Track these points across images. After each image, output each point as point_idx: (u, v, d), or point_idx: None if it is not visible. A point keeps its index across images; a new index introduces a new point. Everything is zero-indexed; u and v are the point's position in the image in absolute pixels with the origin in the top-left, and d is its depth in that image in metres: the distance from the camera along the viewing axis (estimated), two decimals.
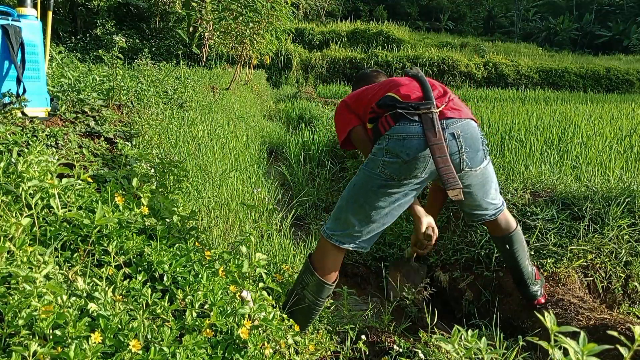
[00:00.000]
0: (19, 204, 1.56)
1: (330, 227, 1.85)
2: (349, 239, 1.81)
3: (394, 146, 1.70)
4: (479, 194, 1.87)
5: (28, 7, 2.65)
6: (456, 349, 1.46)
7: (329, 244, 1.83)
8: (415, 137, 1.68)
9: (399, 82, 1.90)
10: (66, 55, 8.24)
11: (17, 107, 2.47)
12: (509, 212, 2.06)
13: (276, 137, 6.83)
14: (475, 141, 1.76)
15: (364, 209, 1.78)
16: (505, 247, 2.05)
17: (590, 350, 0.85)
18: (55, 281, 1.30)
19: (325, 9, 30.49)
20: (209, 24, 11.67)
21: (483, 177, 1.84)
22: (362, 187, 1.78)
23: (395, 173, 1.71)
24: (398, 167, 1.70)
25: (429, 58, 19.00)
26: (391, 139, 1.71)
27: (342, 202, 1.84)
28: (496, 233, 2.06)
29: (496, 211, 1.96)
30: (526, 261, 2.08)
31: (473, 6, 38.22)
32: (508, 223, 2.02)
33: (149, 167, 2.30)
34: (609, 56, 26.31)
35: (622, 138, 4.36)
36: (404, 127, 1.70)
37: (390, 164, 1.71)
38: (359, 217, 1.78)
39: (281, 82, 17.34)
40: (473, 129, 1.78)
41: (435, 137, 1.66)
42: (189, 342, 1.30)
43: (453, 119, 1.74)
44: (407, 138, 1.69)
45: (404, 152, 1.68)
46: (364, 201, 1.77)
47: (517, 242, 2.04)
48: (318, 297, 1.86)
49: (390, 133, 1.72)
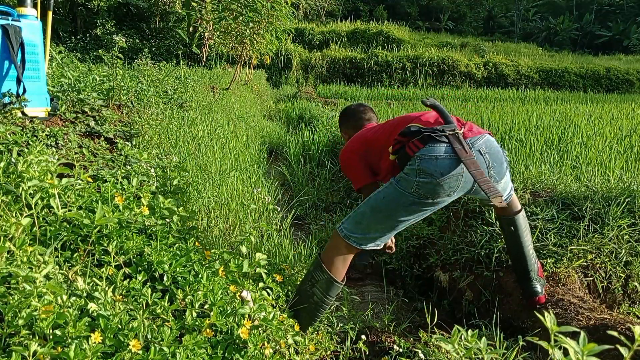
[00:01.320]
0: (19, 204, 1.56)
1: (350, 229, 1.86)
2: (366, 241, 1.85)
3: (427, 166, 1.73)
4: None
5: (28, 7, 2.65)
6: (456, 349, 1.46)
7: (345, 243, 1.86)
8: (448, 157, 1.72)
9: (415, 115, 2.00)
10: (66, 55, 8.24)
11: (17, 107, 2.47)
12: (515, 196, 2.15)
13: (276, 137, 6.83)
14: (498, 154, 1.85)
15: (389, 221, 1.82)
16: (511, 229, 2.11)
17: (590, 350, 0.85)
18: (55, 281, 1.30)
19: (325, 9, 30.49)
20: (209, 24, 11.67)
21: (505, 184, 1.94)
22: (393, 201, 1.81)
23: (430, 193, 1.74)
24: (433, 187, 1.73)
25: (429, 58, 19.00)
26: (423, 159, 1.74)
27: (366, 209, 1.85)
28: (502, 212, 2.13)
29: (508, 197, 2.04)
30: (531, 250, 2.13)
31: (473, 6, 38.22)
32: (514, 204, 2.11)
33: (149, 167, 2.30)
34: (609, 56, 26.31)
35: (622, 138, 4.36)
36: (434, 148, 1.74)
37: (424, 184, 1.73)
38: (382, 227, 1.83)
39: (281, 82, 17.34)
40: (494, 143, 1.87)
41: (467, 154, 1.72)
42: (189, 342, 1.30)
43: (474, 137, 1.82)
44: (440, 158, 1.72)
45: (438, 172, 1.71)
46: (390, 213, 1.81)
47: (522, 225, 2.11)
48: (327, 294, 1.88)
49: (422, 153, 1.75)
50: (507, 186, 1.98)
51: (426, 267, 2.91)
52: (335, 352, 1.90)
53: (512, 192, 2.08)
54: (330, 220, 3.76)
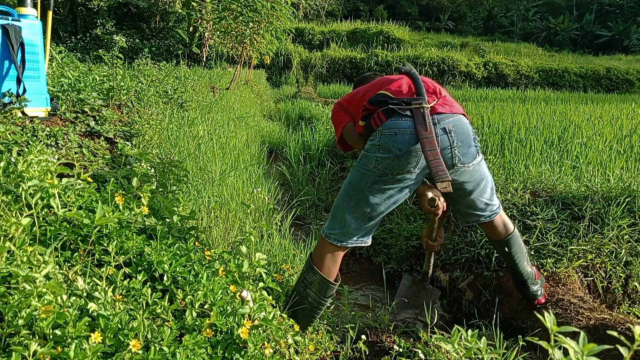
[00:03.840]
0: (19, 204, 1.56)
1: (328, 226, 1.86)
2: (346, 237, 1.83)
3: (386, 141, 1.71)
4: (475, 192, 1.86)
5: (28, 6, 2.65)
6: (456, 348, 1.46)
7: (328, 243, 1.85)
8: (407, 132, 1.69)
9: (391, 79, 1.91)
10: (66, 55, 8.24)
11: (17, 106, 2.47)
12: (506, 215, 2.04)
13: (276, 137, 6.83)
14: (466, 136, 1.77)
15: (360, 206, 1.79)
16: (504, 249, 2.04)
17: (590, 350, 0.85)
18: (55, 281, 1.30)
19: (325, 8, 30.49)
20: (209, 24, 11.67)
21: (478, 174, 1.83)
22: (357, 184, 1.79)
23: (388, 168, 1.72)
24: (391, 162, 1.71)
25: (429, 58, 19.00)
26: (383, 134, 1.72)
27: (338, 201, 1.86)
28: (494, 237, 2.04)
29: (492, 213, 1.94)
30: (525, 262, 2.08)
31: (473, 6, 38.23)
32: (506, 226, 2.01)
33: (149, 167, 2.30)
34: (609, 56, 26.31)
35: (622, 138, 4.36)
36: (395, 122, 1.71)
37: (383, 159, 1.72)
38: (355, 215, 1.80)
39: (281, 82, 17.34)
40: (464, 124, 1.78)
41: (425, 131, 1.67)
42: (189, 341, 1.30)
43: (444, 114, 1.75)
44: (399, 133, 1.70)
45: (396, 147, 1.69)
46: (359, 198, 1.78)
47: (516, 245, 2.03)
48: (321, 295, 1.87)
49: (382, 129, 1.73)
50: (481, 179, 1.85)
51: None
52: (335, 352, 1.90)
53: (499, 210, 1.96)
54: None
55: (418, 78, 1.84)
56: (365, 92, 1.94)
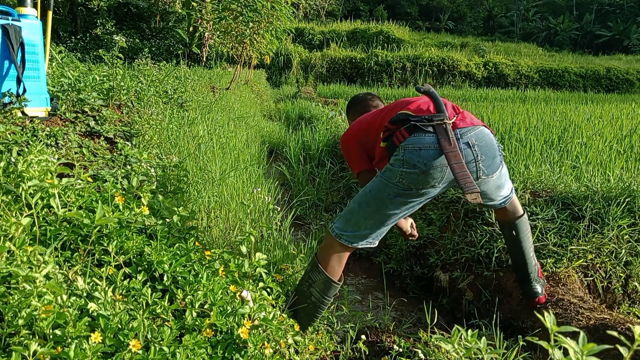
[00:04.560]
0: (19, 204, 1.56)
1: (340, 228, 1.86)
2: (357, 238, 1.84)
3: (411, 157, 1.72)
4: (495, 192, 1.92)
5: (28, 6, 2.65)
6: (456, 348, 1.46)
7: (337, 243, 1.85)
8: (431, 148, 1.71)
9: (408, 101, 1.95)
10: (66, 55, 8.24)
11: (17, 106, 2.47)
12: (517, 199, 2.09)
13: (276, 137, 6.83)
14: (490, 148, 1.79)
15: (378, 215, 1.80)
16: (512, 233, 2.08)
17: (590, 350, 0.85)
18: (55, 281, 1.30)
19: (325, 8, 30.49)
20: (209, 24, 11.67)
21: (500, 180, 1.88)
22: (378, 194, 1.80)
23: (413, 183, 1.73)
24: (416, 177, 1.72)
25: (429, 58, 19.01)
26: (407, 149, 1.73)
27: (355, 206, 1.86)
28: (503, 217, 2.09)
29: (505, 199, 1.99)
30: (531, 253, 2.11)
31: (473, 6, 38.23)
32: (515, 209, 2.06)
33: (149, 167, 2.30)
34: (609, 56, 26.31)
35: (622, 138, 4.36)
36: (419, 138, 1.73)
37: (408, 174, 1.72)
38: (371, 222, 1.81)
39: (281, 82, 17.34)
40: (487, 135, 1.81)
41: (450, 146, 1.69)
42: (189, 341, 1.30)
43: (466, 127, 1.77)
44: (423, 149, 1.71)
45: (421, 163, 1.70)
46: (378, 207, 1.80)
47: (524, 230, 2.07)
48: (324, 295, 1.87)
49: (406, 144, 1.74)
50: (501, 183, 1.91)
51: (426, 267, 2.91)
52: (335, 352, 1.90)
53: (511, 194, 2.01)
54: (330, 220, 3.76)
55: (437, 96, 1.86)
56: (382, 119, 1.95)
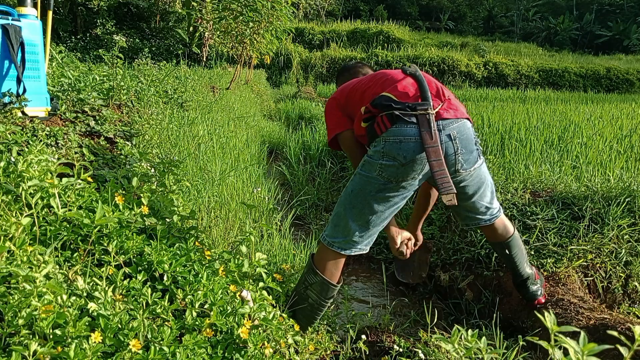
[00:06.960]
0: (19, 204, 1.56)
1: (330, 235, 1.83)
2: (349, 245, 1.80)
3: (391, 149, 1.68)
4: (475, 195, 1.85)
5: (28, 6, 2.64)
6: (456, 348, 1.46)
7: (330, 251, 1.82)
8: (412, 140, 1.66)
9: (394, 78, 1.83)
10: (66, 54, 8.23)
11: (17, 106, 2.47)
12: (506, 218, 2.02)
13: (276, 137, 6.82)
14: (469, 142, 1.74)
15: (364, 214, 1.76)
16: (505, 252, 2.03)
17: (590, 350, 0.85)
18: (55, 281, 1.30)
19: (325, 8, 30.47)
20: (209, 24, 11.66)
21: (478, 177, 1.81)
22: (360, 192, 1.76)
23: (392, 176, 1.70)
24: (395, 170, 1.69)
25: (429, 58, 19.00)
26: (388, 141, 1.69)
27: (340, 209, 1.82)
28: (494, 239, 2.03)
29: (492, 217, 1.93)
30: (525, 264, 2.07)
31: (473, 6, 38.21)
32: (506, 228, 1.99)
33: (149, 167, 2.30)
34: (609, 56, 26.29)
35: (622, 138, 4.36)
36: (400, 130, 1.67)
37: (387, 167, 1.69)
38: (359, 223, 1.77)
39: (281, 82, 17.33)
40: (468, 129, 1.76)
41: (431, 140, 1.63)
42: (189, 341, 1.30)
43: (449, 119, 1.71)
44: (404, 141, 1.66)
45: (401, 155, 1.66)
46: (363, 206, 1.76)
47: (516, 247, 2.02)
48: (322, 297, 1.85)
49: (387, 135, 1.69)
50: (482, 182, 1.83)
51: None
52: (335, 352, 1.90)
53: (499, 213, 1.94)
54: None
55: (423, 81, 1.78)
56: (366, 88, 1.87)
